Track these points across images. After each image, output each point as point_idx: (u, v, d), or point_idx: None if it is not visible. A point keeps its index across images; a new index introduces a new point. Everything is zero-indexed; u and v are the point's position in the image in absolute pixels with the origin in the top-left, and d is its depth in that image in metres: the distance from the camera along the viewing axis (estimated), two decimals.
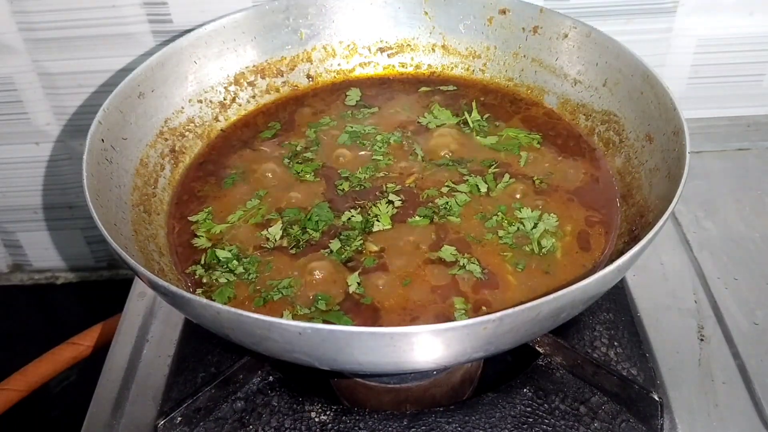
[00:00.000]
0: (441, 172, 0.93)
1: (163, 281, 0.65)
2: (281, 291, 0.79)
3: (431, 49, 1.09)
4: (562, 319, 0.70)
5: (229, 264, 0.82)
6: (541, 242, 0.83)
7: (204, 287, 0.81)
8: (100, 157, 0.83)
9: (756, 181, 1.16)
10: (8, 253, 1.51)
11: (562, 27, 0.98)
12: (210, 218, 0.89)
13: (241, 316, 0.61)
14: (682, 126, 0.80)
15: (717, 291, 0.99)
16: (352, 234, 0.85)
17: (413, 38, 1.09)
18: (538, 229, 0.84)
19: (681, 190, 0.73)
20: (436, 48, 1.08)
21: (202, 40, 0.99)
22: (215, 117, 1.02)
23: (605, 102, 0.96)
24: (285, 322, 0.61)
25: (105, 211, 0.78)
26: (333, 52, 1.09)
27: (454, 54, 1.08)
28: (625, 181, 0.90)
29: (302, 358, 0.67)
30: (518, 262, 0.81)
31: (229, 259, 0.83)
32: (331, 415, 0.83)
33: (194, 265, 0.83)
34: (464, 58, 1.08)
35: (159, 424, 0.81)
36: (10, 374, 1.12)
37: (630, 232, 0.83)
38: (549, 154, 0.95)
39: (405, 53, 1.09)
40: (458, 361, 0.79)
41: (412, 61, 1.10)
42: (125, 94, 0.90)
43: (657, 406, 0.81)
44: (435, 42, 1.08)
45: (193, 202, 0.92)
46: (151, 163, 0.92)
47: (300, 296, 0.79)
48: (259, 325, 0.62)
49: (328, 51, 1.08)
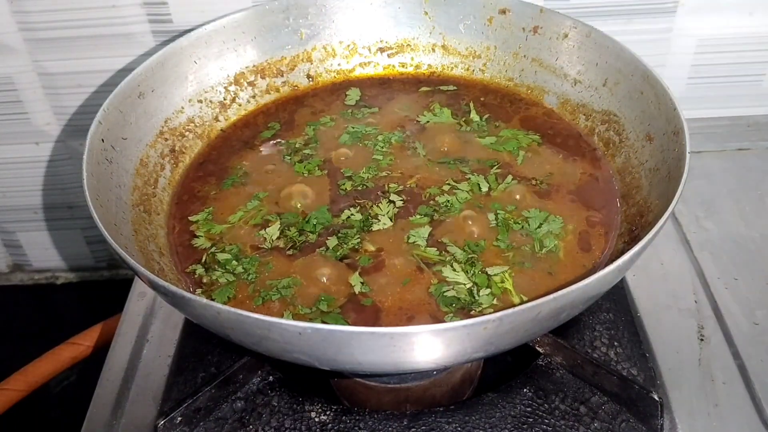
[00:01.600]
0: (443, 170, 0.93)
1: (163, 281, 0.65)
2: (280, 291, 0.79)
3: (431, 49, 1.09)
4: (563, 319, 0.70)
5: (228, 265, 0.82)
6: (544, 242, 0.83)
7: (204, 287, 0.81)
8: (100, 157, 0.83)
9: (756, 181, 1.16)
10: (8, 253, 1.51)
11: (562, 27, 0.98)
12: (210, 218, 0.89)
13: (241, 316, 0.61)
14: (682, 126, 0.80)
15: (717, 291, 0.99)
16: (350, 232, 0.85)
17: (413, 38, 1.09)
18: (542, 230, 0.84)
19: (681, 191, 0.73)
20: (436, 48, 1.08)
21: (202, 40, 0.99)
22: (215, 117, 1.02)
23: (605, 102, 0.96)
24: (285, 321, 0.61)
25: (105, 211, 0.78)
26: (333, 52, 1.09)
27: (454, 54, 1.08)
28: (625, 181, 0.89)
29: (302, 358, 0.67)
30: (521, 262, 0.81)
31: (228, 260, 0.83)
32: (331, 415, 0.83)
33: (194, 265, 0.83)
34: (464, 58, 1.08)
35: (159, 424, 0.81)
36: (10, 374, 1.12)
37: (630, 232, 0.83)
38: (549, 154, 0.95)
39: (405, 53, 1.10)
40: (458, 361, 0.79)
41: (412, 61, 1.10)
42: (125, 94, 0.90)
43: (657, 406, 0.81)
44: (435, 42, 1.08)
45: (194, 203, 0.92)
46: (151, 163, 0.92)
47: (300, 296, 0.79)
48: (259, 325, 0.62)
49: (328, 51, 1.08)
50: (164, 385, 0.90)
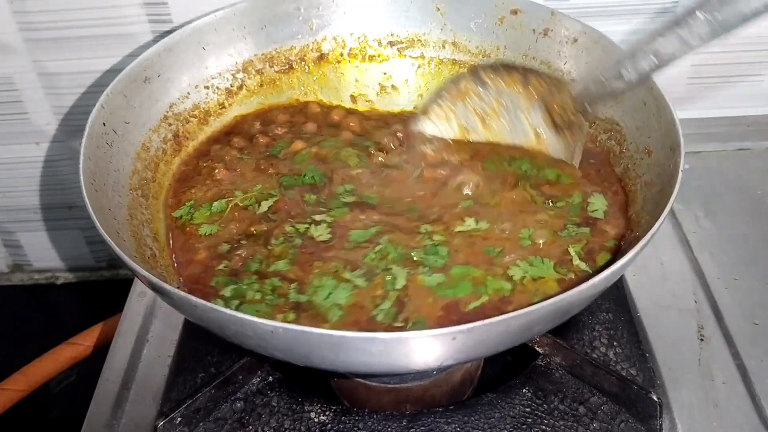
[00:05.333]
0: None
1: (136, 263, 0.67)
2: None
3: (441, 46, 1.08)
4: (537, 332, 0.72)
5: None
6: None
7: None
8: (101, 141, 0.83)
9: (756, 181, 1.16)
10: (8, 253, 1.51)
11: (572, 31, 0.97)
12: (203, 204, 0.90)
13: (216, 311, 0.63)
14: (679, 142, 0.79)
15: (717, 291, 0.99)
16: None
17: (424, 33, 1.08)
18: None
19: (669, 209, 0.72)
20: (447, 44, 1.07)
21: (211, 27, 0.99)
22: (221, 103, 1.02)
23: (609, 110, 0.95)
24: (259, 320, 0.61)
25: (100, 195, 0.78)
26: (343, 44, 1.08)
27: (464, 51, 1.07)
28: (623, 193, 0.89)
29: (278, 355, 0.69)
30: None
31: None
32: (331, 415, 0.83)
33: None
34: (474, 56, 1.07)
35: (159, 425, 0.81)
36: (10, 374, 1.12)
37: (618, 247, 0.83)
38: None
39: (415, 48, 1.09)
40: (431, 367, 0.74)
41: (422, 56, 1.09)
42: (131, 78, 0.90)
43: (656, 407, 0.81)
44: (446, 38, 1.07)
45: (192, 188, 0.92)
46: (153, 147, 0.92)
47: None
48: (233, 321, 0.62)
49: (338, 42, 1.08)
50: (164, 385, 0.90)
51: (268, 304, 0.76)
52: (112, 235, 0.71)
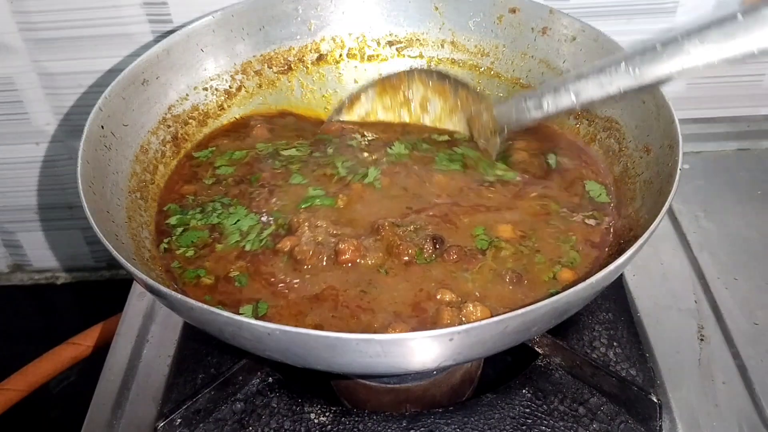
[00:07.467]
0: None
1: (129, 263, 0.67)
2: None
3: (440, 45, 1.08)
4: (534, 332, 0.71)
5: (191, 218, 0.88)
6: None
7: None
8: (99, 144, 0.83)
9: (756, 181, 1.16)
10: (8, 253, 1.52)
11: (571, 29, 0.97)
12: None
13: (213, 314, 0.63)
14: (678, 140, 0.79)
15: (717, 291, 0.99)
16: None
17: (423, 33, 1.08)
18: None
19: (667, 207, 0.72)
20: (446, 44, 1.07)
21: (209, 28, 0.99)
22: (220, 105, 1.02)
23: (609, 108, 0.95)
24: (255, 322, 0.62)
25: (98, 198, 0.78)
26: (342, 44, 1.08)
27: (463, 51, 1.07)
28: (621, 191, 0.89)
29: (275, 356, 0.69)
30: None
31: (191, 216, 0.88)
32: (331, 416, 0.83)
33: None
34: (472, 56, 1.07)
35: (159, 426, 0.81)
36: (10, 374, 1.12)
37: (618, 245, 0.83)
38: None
39: (414, 47, 1.09)
40: (427, 368, 0.74)
41: (421, 56, 1.09)
42: (129, 81, 0.90)
43: (655, 408, 0.81)
44: (444, 38, 1.07)
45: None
46: (152, 149, 0.92)
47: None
48: (230, 323, 0.63)
49: (337, 42, 1.08)
50: (164, 385, 0.90)
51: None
52: (110, 238, 0.71)
